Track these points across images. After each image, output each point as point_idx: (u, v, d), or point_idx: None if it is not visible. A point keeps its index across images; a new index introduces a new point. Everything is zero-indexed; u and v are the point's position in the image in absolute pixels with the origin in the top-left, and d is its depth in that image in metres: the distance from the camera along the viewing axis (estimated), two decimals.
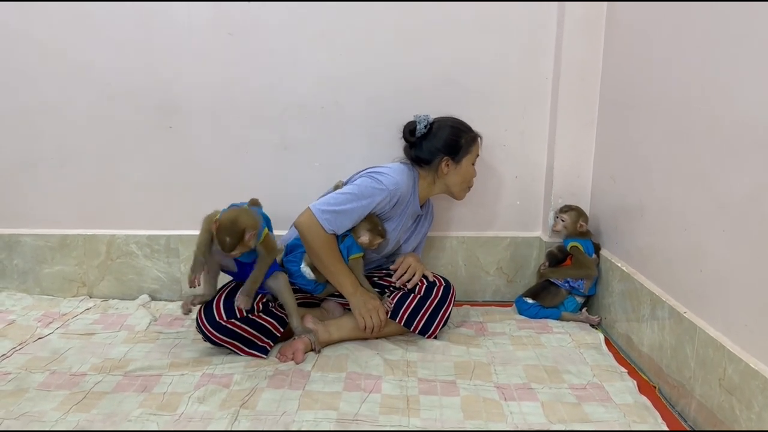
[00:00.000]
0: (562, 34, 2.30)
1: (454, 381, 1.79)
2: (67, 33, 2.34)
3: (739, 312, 1.45)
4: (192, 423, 1.55)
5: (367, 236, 2.01)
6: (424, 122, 2.13)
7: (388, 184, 1.99)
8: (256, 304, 1.93)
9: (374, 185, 1.99)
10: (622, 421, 1.58)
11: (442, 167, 2.12)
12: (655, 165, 1.87)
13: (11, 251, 2.51)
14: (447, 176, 2.15)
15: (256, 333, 1.93)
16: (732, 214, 1.47)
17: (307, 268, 2.02)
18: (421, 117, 2.13)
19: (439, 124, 2.14)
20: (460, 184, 2.18)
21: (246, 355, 1.92)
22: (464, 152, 2.14)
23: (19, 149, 2.45)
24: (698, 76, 1.62)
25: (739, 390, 1.40)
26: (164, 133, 2.43)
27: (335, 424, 1.55)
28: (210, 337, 1.90)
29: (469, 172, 2.18)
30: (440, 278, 2.13)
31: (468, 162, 2.16)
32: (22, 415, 1.58)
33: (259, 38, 2.35)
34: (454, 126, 2.15)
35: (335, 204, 1.95)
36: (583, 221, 2.30)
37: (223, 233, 1.79)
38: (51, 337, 2.10)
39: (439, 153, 2.11)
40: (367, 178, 2.02)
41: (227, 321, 1.89)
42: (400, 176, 2.04)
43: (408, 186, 2.06)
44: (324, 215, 1.93)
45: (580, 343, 2.07)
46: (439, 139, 2.12)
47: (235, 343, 1.92)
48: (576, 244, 2.27)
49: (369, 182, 2.00)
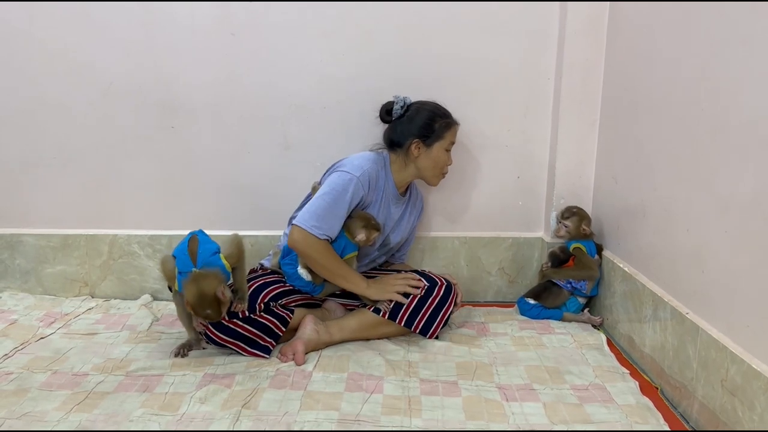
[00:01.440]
0: (564, 33, 2.30)
1: (456, 381, 1.78)
2: (69, 32, 2.34)
3: (741, 313, 1.44)
4: (194, 423, 1.55)
5: (364, 233, 2.01)
6: (401, 103, 2.13)
7: (354, 171, 2.00)
8: (257, 305, 1.93)
9: (342, 177, 1.99)
10: (624, 422, 1.57)
11: (413, 149, 2.12)
12: (658, 165, 1.86)
13: (13, 251, 2.51)
14: (417, 159, 2.14)
15: (258, 332, 1.93)
16: (735, 215, 1.47)
17: (304, 270, 2.01)
18: (399, 98, 2.13)
19: (416, 108, 2.14)
20: (431, 169, 2.17)
21: (249, 355, 1.92)
22: (436, 137, 2.13)
23: (22, 149, 2.45)
24: (702, 75, 1.61)
25: (741, 391, 1.40)
26: (166, 133, 2.43)
27: (337, 424, 1.55)
28: (212, 338, 1.91)
29: (441, 158, 2.16)
30: (442, 278, 2.13)
31: (440, 147, 2.14)
32: (24, 414, 1.58)
33: (261, 38, 2.35)
34: (431, 110, 2.14)
35: (317, 210, 1.95)
36: (585, 225, 2.30)
37: (202, 310, 1.78)
38: (53, 337, 2.10)
39: (411, 136, 2.11)
40: (333, 174, 2.03)
41: (229, 321, 1.89)
42: (362, 161, 2.06)
43: (374, 169, 2.06)
44: (312, 226, 1.93)
45: (581, 343, 2.07)
46: (414, 122, 2.12)
47: (237, 343, 1.91)
48: (579, 246, 2.27)
49: (337, 177, 2.00)
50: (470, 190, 2.50)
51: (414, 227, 2.36)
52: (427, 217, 2.53)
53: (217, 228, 2.50)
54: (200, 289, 1.76)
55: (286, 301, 2.03)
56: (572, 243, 2.29)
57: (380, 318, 2.04)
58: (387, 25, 2.34)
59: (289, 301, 2.04)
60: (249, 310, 1.91)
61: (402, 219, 2.24)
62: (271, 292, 1.99)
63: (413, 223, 2.33)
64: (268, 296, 1.98)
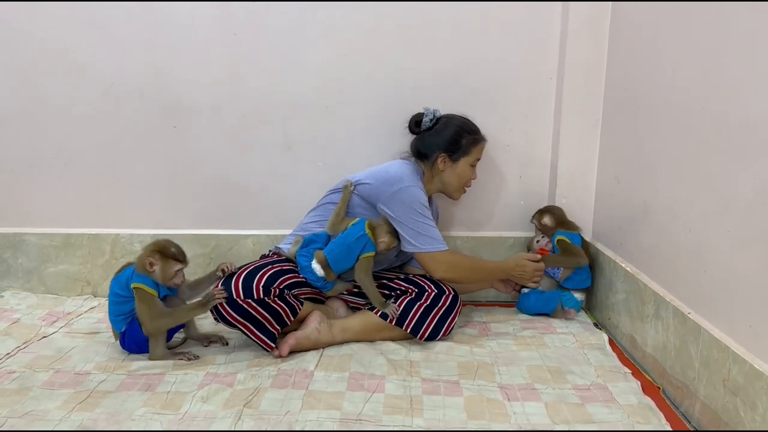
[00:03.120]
0: (566, 33, 2.30)
1: (458, 381, 1.78)
2: (70, 32, 2.35)
3: (743, 313, 1.44)
4: (195, 422, 1.55)
5: (387, 238, 2.03)
6: (431, 116, 2.15)
7: (411, 182, 2.05)
8: (273, 288, 1.91)
9: (410, 192, 2.03)
10: (625, 421, 1.57)
11: (438, 164, 2.14)
12: (660, 165, 1.86)
13: (16, 250, 2.52)
14: (443, 174, 2.16)
15: (268, 316, 1.90)
16: (737, 215, 1.47)
17: (318, 266, 2.00)
18: (430, 110, 2.15)
19: (445, 121, 2.16)
20: (455, 183, 2.19)
21: (255, 339, 1.91)
22: (463, 152, 2.15)
23: (24, 148, 2.46)
24: (704, 75, 1.61)
25: (743, 391, 1.40)
26: (168, 133, 2.44)
27: (338, 423, 1.55)
28: (225, 315, 1.88)
29: (466, 173, 2.19)
30: (449, 287, 2.13)
31: (465, 163, 2.17)
32: (26, 413, 1.58)
33: (263, 38, 2.35)
34: (460, 125, 2.16)
35: (426, 231, 2.04)
36: (547, 219, 2.35)
37: (171, 247, 1.91)
38: (55, 336, 2.10)
39: (438, 149, 2.13)
40: (399, 195, 2.03)
41: (243, 300, 1.87)
42: (411, 173, 2.09)
43: (416, 180, 2.10)
44: (439, 247, 2.05)
45: (583, 343, 2.06)
46: (442, 136, 2.14)
47: (246, 324, 1.89)
48: (562, 237, 2.30)
49: (406, 195, 2.03)
50: (472, 190, 2.49)
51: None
52: None
53: (219, 228, 2.51)
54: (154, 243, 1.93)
55: (297, 293, 2.01)
56: (556, 236, 2.32)
57: (384, 322, 2.03)
58: (388, 25, 2.35)
59: (300, 293, 2.02)
60: (264, 293, 1.89)
61: None
62: (286, 281, 1.97)
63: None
64: (283, 283, 1.95)
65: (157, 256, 1.88)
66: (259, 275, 1.92)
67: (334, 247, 2.02)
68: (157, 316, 1.87)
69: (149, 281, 1.88)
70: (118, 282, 1.92)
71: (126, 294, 1.89)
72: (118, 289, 1.91)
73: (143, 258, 1.88)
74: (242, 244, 2.51)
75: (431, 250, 2.04)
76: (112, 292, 1.93)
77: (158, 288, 1.90)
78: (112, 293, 1.93)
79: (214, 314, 1.92)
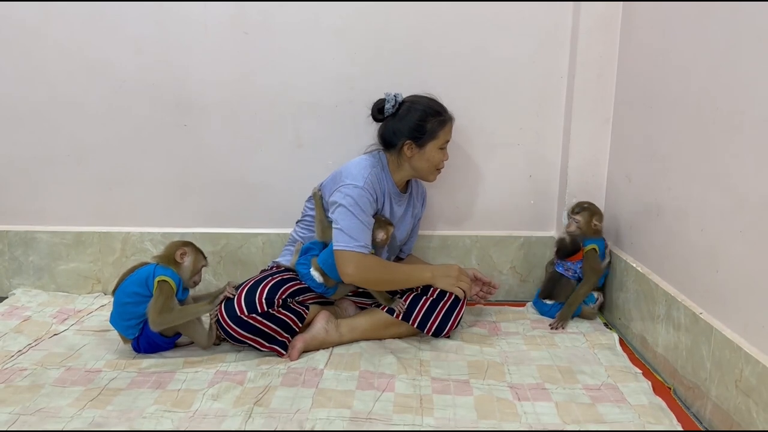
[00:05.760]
0: (577, 32, 2.29)
1: (468, 380, 1.78)
2: (83, 31, 2.35)
3: (756, 313, 1.43)
4: (206, 420, 1.56)
5: (382, 232, 2.02)
6: (393, 101, 2.05)
7: (358, 182, 1.98)
8: (276, 299, 1.92)
9: (352, 191, 1.96)
10: (636, 422, 1.57)
11: (405, 151, 2.05)
12: (672, 164, 1.85)
13: (27, 248, 2.53)
14: (411, 160, 2.08)
15: (276, 328, 1.91)
16: (750, 215, 1.46)
17: (316, 273, 2.01)
18: (391, 95, 2.06)
19: (408, 106, 2.07)
20: (426, 168, 2.10)
21: (267, 350, 1.92)
22: (429, 137, 2.05)
23: (35, 147, 2.46)
24: (716, 73, 1.60)
25: (756, 392, 1.39)
26: (179, 131, 2.44)
27: (348, 422, 1.55)
28: (232, 333, 1.89)
29: (435, 157, 2.08)
30: None
31: (433, 147, 2.06)
32: (39, 410, 1.59)
33: (273, 37, 2.35)
34: (423, 109, 2.05)
35: (349, 230, 1.93)
36: (596, 220, 2.26)
37: (194, 248, 2.02)
38: (66, 334, 2.12)
39: (403, 136, 2.04)
40: (341, 191, 1.98)
41: (248, 316, 1.88)
42: (360, 169, 2.02)
43: (374, 173, 2.03)
44: (354, 246, 1.92)
45: (594, 343, 2.06)
46: (405, 122, 2.04)
47: (256, 339, 1.90)
48: (594, 247, 2.24)
49: (348, 191, 1.97)
50: (482, 189, 2.49)
51: (418, 219, 2.34)
52: (438, 215, 2.53)
53: (229, 226, 2.52)
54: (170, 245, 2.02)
55: (302, 298, 2.02)
56: (588, 243, 2.25)
57: (392, 318, 2.04)
58: (399, 24, 2.34)
59: (306, 298, 2.03)
60: (267, 305, 1.90)
61: (405, 216, 2.22)
62: (289, 289, 1.97)
63: (417, 215, 2.31)
64: (286, 293, 1.95)
65: (190, 248, 1.99)
66: (260, 289, 1.92)
67: (326, 257, 2.00)
68: (168, 310, 1.88)
69: (176, 276, 1.92)
70: (136, 281, 1.91)
71: (146, 292, 1.89)
72: (137, 287, 1.90)
73: (173, 250, 1.96)
74: (252, 243, 2.51)
75: (344, 248, 1.92)
76: (128, 293, 1.91)
77: (179, 286, 1.92)
78: (128, 294, 1.91)
79: (222, 334, 1.94)
